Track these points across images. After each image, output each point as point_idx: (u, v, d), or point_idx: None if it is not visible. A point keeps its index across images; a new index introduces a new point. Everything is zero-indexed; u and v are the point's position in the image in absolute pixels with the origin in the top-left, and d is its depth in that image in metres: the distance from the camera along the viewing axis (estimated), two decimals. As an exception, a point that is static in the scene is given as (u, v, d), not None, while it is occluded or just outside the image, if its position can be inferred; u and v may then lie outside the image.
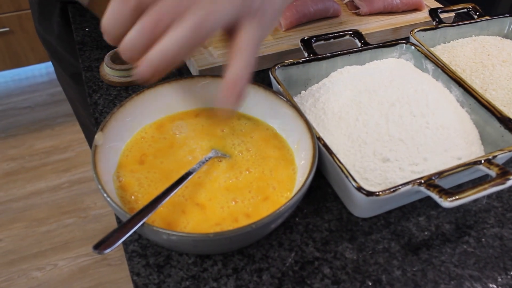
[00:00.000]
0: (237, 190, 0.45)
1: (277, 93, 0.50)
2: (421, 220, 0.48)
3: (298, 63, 0.56)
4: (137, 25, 0.35)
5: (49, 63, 2.22)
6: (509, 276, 0.43)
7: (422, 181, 0.43)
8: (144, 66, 0.36)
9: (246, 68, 0.39)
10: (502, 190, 0.51)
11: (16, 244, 1.55)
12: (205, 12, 0.36)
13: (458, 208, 0.49)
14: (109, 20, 0.36)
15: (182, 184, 0.43)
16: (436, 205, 0.49)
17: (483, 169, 0.45)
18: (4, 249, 1.54)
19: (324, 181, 0.50)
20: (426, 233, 0.46)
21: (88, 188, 1.74)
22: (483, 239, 0.46)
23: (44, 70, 2.31)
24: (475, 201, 0.50)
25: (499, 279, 0.43)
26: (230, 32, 0.40)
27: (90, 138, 1.10)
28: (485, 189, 0.42)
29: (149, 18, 0.35)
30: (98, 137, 0.44)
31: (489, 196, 0.51)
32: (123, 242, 0.43)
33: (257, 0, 0.39)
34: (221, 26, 0.37)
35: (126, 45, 0.36)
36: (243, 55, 0.39)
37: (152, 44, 0.36)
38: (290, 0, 0.44)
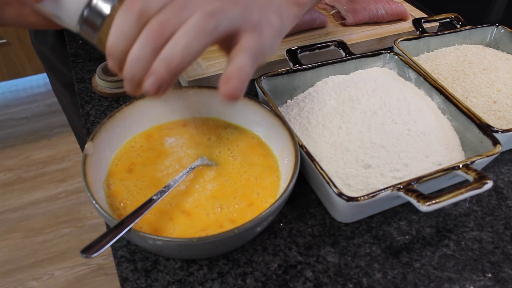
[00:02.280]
0: (223, 197, 0.46)
1: (262, 103, 0.52)
2: (402, 225, 0.49)
3: (283, 73, 0.58)
4: (140, 37, 0.34)
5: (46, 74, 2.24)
6: (486, 278, 0.44)
7: (401, 186, 0.44)
8: (150, 80, 0.35)
9: (247, 63, 0.37)
10: (482, 195, 0.53)
11: (12, 254, 1.56)
12: (206, 15, 0.35)
13: (438, 212, 0.51)
14: (114, 36, 0.35)
15: (169, 190, 0.44)
16: (417, 209, 0.50)
17: (461, 174, 0.47)
18: (0, 259, 1.54)
19: (308, 187, 0.52)
20: (407, 237, 0.48)
21: (85, 198, 1.75)
22: (462, 242, 0.48)
23: (41, 81, 2.33)
24: (455, 205, 0.52)
25: (477, 281, 0.44)
26: (228, 47, 0.39)
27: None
28: (461, 193, 0.43)
29: (151, 27, 0.34)
30: (88, 147, 0.46)
31: (469, 200, 0.52)
32: (112, 248, 0.45)
33: (256, 13, 0.39)
34: (223, 30, 0.36)
35: (130, 61, 0.35)
36: (244, 54, 0.37)
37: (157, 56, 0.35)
38: (290, 26, 0.44)
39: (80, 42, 0.76)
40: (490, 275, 0.45)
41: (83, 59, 0.72)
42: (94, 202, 0.40)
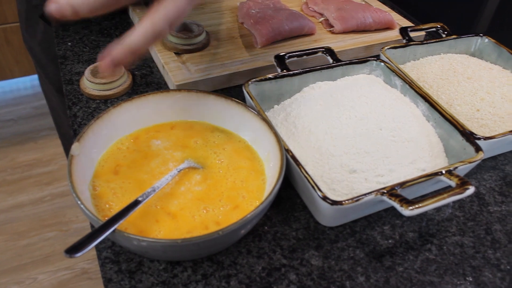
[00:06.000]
0: (208, 200, 0.46)
1: (249, 107, 0.52)
2: (386, 229, 0.50)
3: (271, 78, 0.58)
4: None
5: (34, 76, 2.22)
6: (467, 282, 0.45)
7: (385, 191, 0.45)
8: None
9: (143, 38, 0.42)
10: (464, 200, 0.54)
11: (-5, 258, 1.54)
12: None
13: (421, 217, 0.51)
14: None
15: (155, 192, 0.44)
16: (401, 214, 0.51)
17: (444, 179, 0.48)
18: (-17, 262, 1.52)
19: (293, 192, 0.52)
20: (390, 241, 0.48)
21: (70, 202, 1.73)
22: (444, 247, 0.48)
23: (28, 83, 2.31)
24: (438, 210, 0.52)
25: (458, 285, 0.45)
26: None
27: (68, 149, 1.12)
28: (444, 198, 0.44)
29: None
30: (75, 147, 0.46)
31: (452, 206, 0.53)
32: (97, 249, 0.45)
33: None
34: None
35: None
36: (148, 25, 0.42)
37: None
38: None
39: (69, 44, 0.76)
40: (470, 279, 0.45)
41: (72, 61, 0.72)
42: (79, 203, 0.40)
